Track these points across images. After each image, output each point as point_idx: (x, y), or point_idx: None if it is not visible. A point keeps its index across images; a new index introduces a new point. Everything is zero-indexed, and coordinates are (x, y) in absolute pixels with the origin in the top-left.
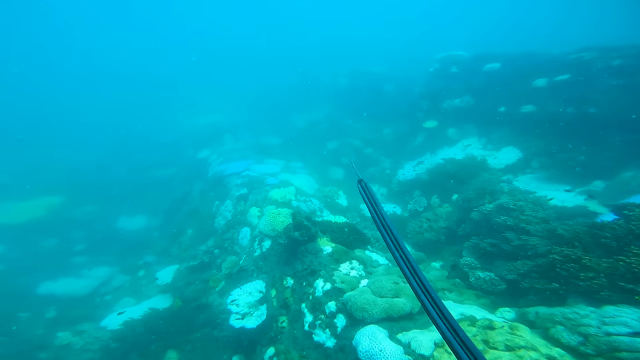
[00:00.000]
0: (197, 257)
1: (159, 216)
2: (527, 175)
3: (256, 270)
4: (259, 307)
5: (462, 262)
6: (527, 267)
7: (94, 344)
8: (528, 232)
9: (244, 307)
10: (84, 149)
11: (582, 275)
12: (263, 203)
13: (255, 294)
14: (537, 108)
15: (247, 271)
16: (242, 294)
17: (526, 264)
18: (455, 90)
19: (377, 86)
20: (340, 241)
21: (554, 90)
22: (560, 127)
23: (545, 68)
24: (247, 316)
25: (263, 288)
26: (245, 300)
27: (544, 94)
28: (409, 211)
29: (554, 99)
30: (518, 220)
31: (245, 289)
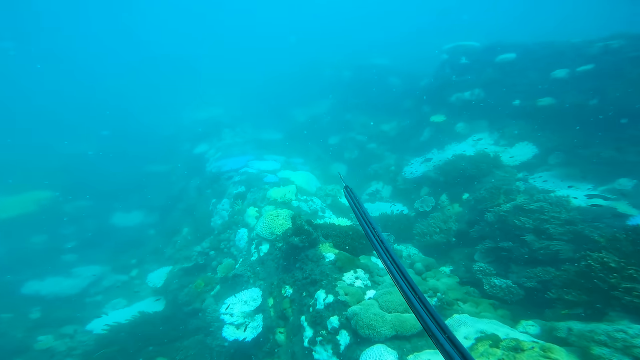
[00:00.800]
0: (191, 259)
1: (156, 213)
2: (544, 173)
3: (252, 276)
4: (254, 318)
5: (475, 268)
6: (551, 274)
7: (77, 349)
8: (550, 235)
9: (238, 316)
10: (80, 142)
11: (624, 286)
12: (261, 203)
13: (250, 303)
14: (556, 101)
15: (242, 277)
16: (236, 303)
17: (549, 271)
18: (465, 82)
19: (382, 79)
20: (344, 247)
21: (576, 81)
22: (582, 120)
23: (566, 58)
24: (242, 327)
25: (259, 296)
26: (240, 309)
27: (564, 85)
28: (415, 211)
29: (575, 91)
30: (539, 222)
31: (240, 297)
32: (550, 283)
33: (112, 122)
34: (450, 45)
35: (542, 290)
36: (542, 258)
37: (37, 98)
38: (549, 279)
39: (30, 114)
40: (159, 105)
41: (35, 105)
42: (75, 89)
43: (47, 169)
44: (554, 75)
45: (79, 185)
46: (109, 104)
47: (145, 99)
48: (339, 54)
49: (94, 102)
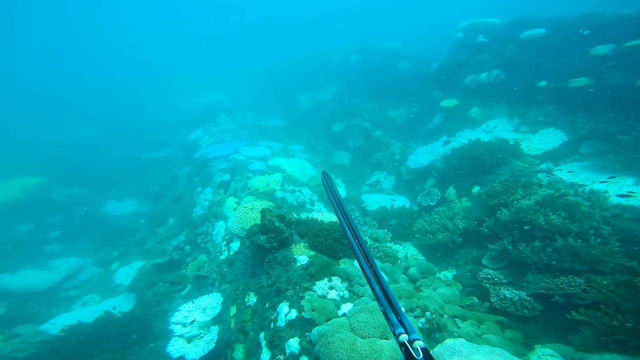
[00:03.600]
0: (166, 254)
1: (150, 201)
2: (573, 164)
3: (219, 278)
4: (210, 330)
5: (481, 275)
6: (578, 286)
7: (23, 352)
8: (586, 238)
9: (193, 328)
10: (75, 127)
11: None
12: (242, 193)
13: (209, 311)
14: (593, 81)
15: (207, 279)
16: (194, 310)
17: (575, 282)
18: (481, 63)
19: (391, 64)
20: (322, 248)
21: (622, 58)
22: (626, 103)
23: (611, 32)
24: (195, 340)
25: (219, 304)
26: (198, 318)
27: (605, 63)
28: (418, 205)
29: (619, 70)
30: (566, 221)
31: (198, 303)
32: (576, 297)
33: (111, 108)
34: (467, 22)
35: (565, 307)
36: (568, 266)
37: (31, 84)
38: (575, 292)
39: (24, 100)
40: (161, 91)
41: (30, 90)
42: (73, 75)
43: (38, 155)
44: (594, 52)
45: (71, 172)
46: (108, 91)
47: (147, 85)
48: (347, 38)
49: (92, 88)
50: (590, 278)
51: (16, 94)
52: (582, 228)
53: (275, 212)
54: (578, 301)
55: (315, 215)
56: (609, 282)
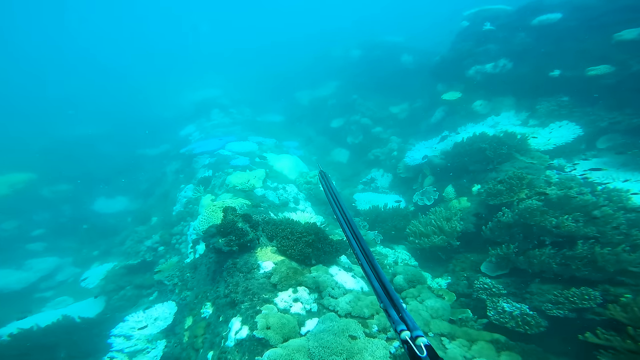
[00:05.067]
0: (139, 255)
1: (141, 199)
2: (588, 161)
3: (180, 284)
4: (158, 343)
5: (477, 285)
6: (594, 300)
7: None
8: (608, 244)
9: (139, 341)
10: (71, 124)
11: None
12: (219, 190)
13: (160, 322)
14: (615, 69)
15: (167, 285)
16: (143, 321)
17: (589, 295)
18: (487, 53)
19: (393, 58)
20: (291, 253)
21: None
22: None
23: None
24: (139, 356)
25: (172, 314)
26: (148, 330)
27: (630, 49)
28: (414, 204)
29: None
30: (581, 224)
31: (150, 313)
32: (590, 312)
33: (111, 105)
34: (473, 10)
35: (576, 324)
36: (580, 275)
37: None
38: (589, 306)
39: (17, 96)
40: (163, 88)
41: (25, 86)
42: (72, 72)
43: (28, 151)
44: (620, 37)
45: (62, 169)
46: (109, 88)
47: (149, 82)
48: (349, 32)
49: (92, 85)
50: (608, 290)
51: (7, 89)
52: (602, 232)
53: (246, 210)
54: (592, 317)
55: (299, 215)
56: (637, 299)
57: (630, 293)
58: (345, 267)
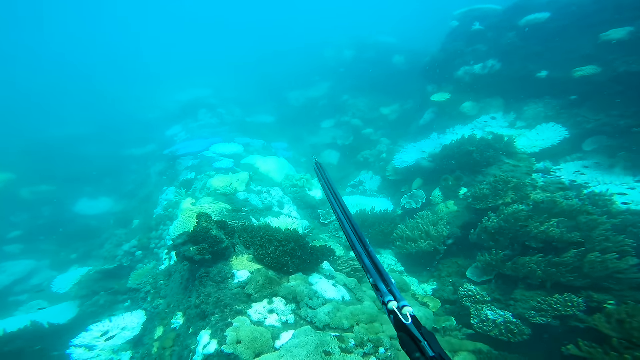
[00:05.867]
0: (116, 259)
1: (125, 200)
2: (575, 163)
3: (152, 292)
4: (122, 355)
5: (462, 292)
6: (577, 307)
7: None
8: (584, 249)
9: (103, 352)
10: (56, 124)
11: None
12: (200, 193)
13: (128, 332)
14: (602, 69)
15: (139, 292)
16: (110, 331)
17: (572, 302)
18: (476, 53)
19: (385, 59)
20: (268, 261)
21: (638, 42)
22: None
23: (629, 14)
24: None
25: (140, 324)
26: (114, 340)
27: (618, 49)
28: (402, 208)
29: (635, 56)
30: (565, 229)
31: (117, 322)
32: (574, 319)
33: (97, 106)
34: (463, 10)
35: (559, 331)
36: (564, 282)
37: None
38: (572, 314)
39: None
40: (153, 87)
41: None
42: (57, 71)
43: (9, 151)
44: (606, 37)
45: (43, 169)
46: (96, 88)
47: (138, 81)
48: (341, 33)
49: (75, 84)
50: (592, 297)
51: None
52: (587, 238)
53: (225, 216)
54: (576, 324)
55: (282, 221)
56: (620, 309)
57: (614, 299)
58: (327, 275)
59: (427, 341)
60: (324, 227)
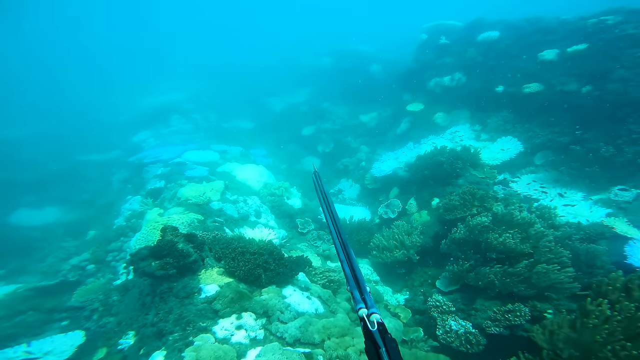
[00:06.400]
0: (59, 274)
1: (79, 210)
2: (528, 176)
3: (100, 309)
4: None
5: (430, 302)
6: (523, 316)
7: None
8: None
9: None
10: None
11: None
12: (169, 203)
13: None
14: (544, 87)
15: (83, 310)
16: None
17: (520, 312)
18: (445, 65)
19: (363, 66)
20: (240, 274)
21: (567, 64)
22: (575, 111)
23: (555, 36)
24: None
25: (74, 347)
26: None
27: (553, 69)
28: (379, 217)
29: (566, 76)
30: (518, 240)
31: (39, 346)
32: (520, 329)
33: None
34: (430, 24)
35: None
36: (516, 291)
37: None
38: (519, 323)
39: None
40: (118, 90)
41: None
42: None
43: None
44: (542, 57)
45: None
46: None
47: (101, 83)
48: (320, 40)
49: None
50: (535, 306)
51: None
52: (536, 249)
53: (196, 226)
54: (522, 333)
55: (257, 232)
56: (553, 319)
57: (552, 308)
58: (302, 287)
59: (387, 348)
60: (302, 236)
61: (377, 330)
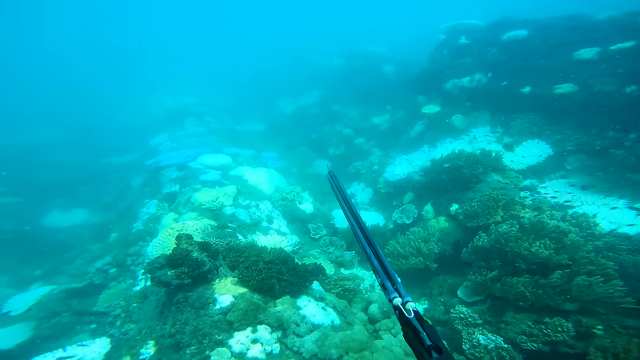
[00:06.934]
0: (86, 277)
1: (103, 212)
2: (559, 181)
3: (122, 316)
4: None
5: (453, 314)
6: (566, 332)
7: None
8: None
9: None
10: (27, 129)
11: None
12: (184, 208)
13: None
14: (578, 88)
15: (107, 316)
16: None
17: (562, 327)
18: (464, 66)
19: (375, 67)
20: (253, 284)
21: (608, 63)
22: (614, 112)
23: (595, 35)
24: None
25: (102, 354)
26: None
27: (590, 68)
28: (393, 222)
29: (605, 76)
30: (553, 250)
31: (73, 351)
32: (564, 345)
33: (76, 111)
34: (449, 24)
35: (551, 357)
36: (553, 304)
37: None
38: (562, 339)
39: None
40: (140, 93)
41: None
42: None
43: None
44: (578, 57)
45: (8, 180)
46: (78, 90)
47: (118, 86)
48: (332, 41)
49: (56, 90)
50: (580, 321)
51: None
52: (574, 260)
53: (210, 232)
54: (566, 350)
55: (269, 239)
56: (616, 342)
57: (602, 324)
58: (316, 297)
59: (427, 332)
60: (315, 242)
61: (414, 317)
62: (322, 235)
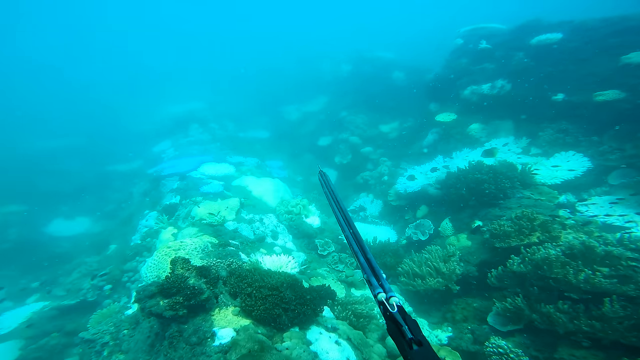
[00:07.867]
0: (80, 293)
1: (105, 220)
2: (602, 198)
3: (111, 344)
4: None
5: (489, 348)
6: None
7: None
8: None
9: None
10: (31, 136)
11: None
12: (183, 222)
13: None
14: (625, 95)
15: (94, 344)
16: None
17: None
18: (484, 72)
19: (384, 74)
20: (257, 314)
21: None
22: None
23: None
24: None
25: None
26: None
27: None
28: (407, 238)
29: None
30: (617, 280)
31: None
32: None
33: (81, 118)
34: (468, 28)
35: None
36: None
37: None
38: None
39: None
40: (145, 99)
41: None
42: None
43: None
44: (628, 60)
45: (14, 187)
46: (86, 96)
47: (123, 93)
48: (340, 46)
49: (55, 95)
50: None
51: None
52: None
53: (210, 251)
54: None
55: (276, 258)
56: None
57: None
58: (328, 328)
59: (409, 326)
60: (322, 258)
61: (397, 312)
62: (330, 252)
